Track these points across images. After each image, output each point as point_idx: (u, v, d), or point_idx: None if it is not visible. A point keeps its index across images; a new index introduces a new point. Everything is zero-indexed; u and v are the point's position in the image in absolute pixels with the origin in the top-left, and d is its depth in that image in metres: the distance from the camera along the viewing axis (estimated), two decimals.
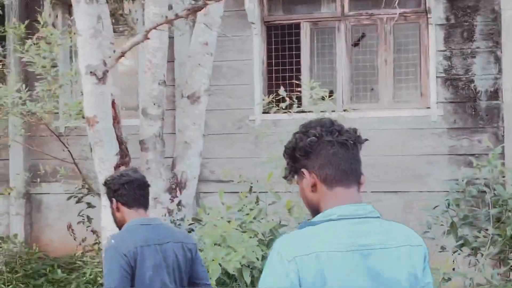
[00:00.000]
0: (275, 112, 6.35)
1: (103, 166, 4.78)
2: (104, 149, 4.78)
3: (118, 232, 3.01)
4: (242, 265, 4.41)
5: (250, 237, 4.67)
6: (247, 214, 5.02)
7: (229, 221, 4.68)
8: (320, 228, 1.67)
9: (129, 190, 2.94)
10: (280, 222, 5.34)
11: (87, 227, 7.17)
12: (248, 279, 4.45)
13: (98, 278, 6.70)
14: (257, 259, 4.52)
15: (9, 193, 8.42)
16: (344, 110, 6.72)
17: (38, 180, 8.15)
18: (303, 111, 6.25)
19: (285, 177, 1.84)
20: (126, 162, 4.86)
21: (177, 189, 5.01)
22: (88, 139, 4.85)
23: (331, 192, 1.72)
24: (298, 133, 1.76)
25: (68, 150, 6.72)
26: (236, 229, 4.62)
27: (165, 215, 4.94)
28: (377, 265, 1.66)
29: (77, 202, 7.19)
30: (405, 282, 1.69)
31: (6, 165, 8.83)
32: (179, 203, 5.01)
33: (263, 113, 7.68)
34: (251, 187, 5.41)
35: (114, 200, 3.02)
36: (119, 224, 3.08)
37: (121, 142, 4.88)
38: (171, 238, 2.93)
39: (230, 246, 4.40)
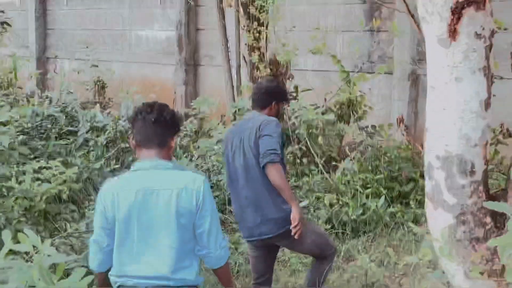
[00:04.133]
0: None
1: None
2: None
3: None
4: None
5: None
6: None
7: None
8: (124, 175, 2.94)
9: None
10: None
11: None
12: None
13: None
14: None
15: (385, 72, 6.72)
16: None
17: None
18: None
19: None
20: None
21: None
22: None
23: (140, 151, 2.91)
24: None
25: None
26: None
27: None
28: (155, 200, 2.78)
29: None
30: (174, 213, 2.77)
31: (389, 37, 7.08)
32: None
33: None
34: None
35: None
36: None
37: None
38: None
39: None
